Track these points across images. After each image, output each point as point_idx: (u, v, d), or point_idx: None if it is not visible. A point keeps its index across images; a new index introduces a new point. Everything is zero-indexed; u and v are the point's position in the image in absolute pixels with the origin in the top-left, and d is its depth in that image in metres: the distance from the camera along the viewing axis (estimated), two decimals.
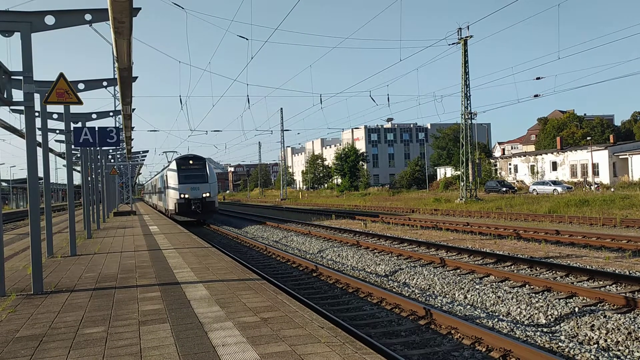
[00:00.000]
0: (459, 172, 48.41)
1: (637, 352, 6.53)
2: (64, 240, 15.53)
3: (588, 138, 60.33)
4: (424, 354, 6.61)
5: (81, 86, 11.58)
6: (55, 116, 14.53)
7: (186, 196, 27.95)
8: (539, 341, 7.01)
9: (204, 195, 28.34)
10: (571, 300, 8.68)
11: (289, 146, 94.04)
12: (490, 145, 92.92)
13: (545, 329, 7.63)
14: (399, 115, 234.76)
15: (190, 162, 29.63)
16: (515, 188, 52.53)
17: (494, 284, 10.18)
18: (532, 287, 9.69)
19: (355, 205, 44.73)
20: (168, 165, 33.02)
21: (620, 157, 52.60)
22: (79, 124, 15.04)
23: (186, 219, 28.09)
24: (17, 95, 8.84)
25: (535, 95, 39.08)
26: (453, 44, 37.81)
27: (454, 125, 73.69)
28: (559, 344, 6.86)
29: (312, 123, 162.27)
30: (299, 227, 24.58)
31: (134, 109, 17.46)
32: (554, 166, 58.80)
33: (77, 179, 45.96)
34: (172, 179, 28.88)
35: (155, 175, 49.03)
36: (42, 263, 8.69)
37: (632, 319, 7.33)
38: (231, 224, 30.35)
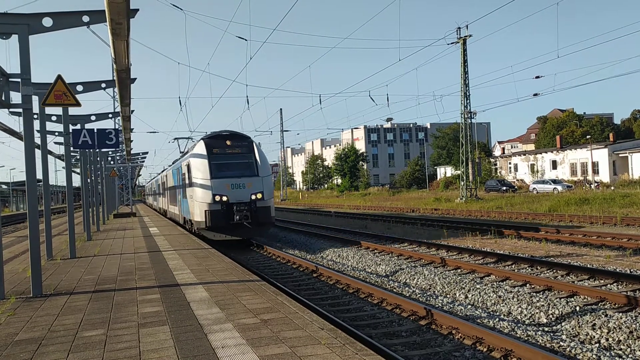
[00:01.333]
0: (459, 172, 48.38)
1: (639, 351, 6.50)
2: (64, 242, 15.51)
3: (588, 136, 60.26)
4: (425, 354, 6.58)
5: (79, 88, 11.58)
6: (54, 118, 14.51)
7: (224, 199, 16.94)
8: (540, 341, 6.98)
9: (254, 196, 17.18)
10: (572, 299, 8.67)
11: (288, 147, 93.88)
12: (490, 144, 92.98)
13: (546, 329, 7.61)
14: (399, 115, 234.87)
15: (228, 142, 18.20)
16: (516, 187, 52.50)
17: (494, 283, 10.16)
18: (532, 286, 9.68)
19: (355, 205, 44.70)
20: (188, 151, 21.86)
21: (620, 155, 52.60)
22: (78, 126, 15.01)
23: (225, 237, 17.40)
24: (16, 97, 8.82)
25: (535, 94, 39.16)
26: (452, 43, 37.81)
27: (453, 125, 73.65)
28: (560, 343, 6.83)
29: (311, 123, 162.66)
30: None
31: (132, 111, 17.46)
32: (554, 165, 58.78)
33: (76, 181, 45.96)
34: (199, 170, 17.55)
35: (167, 168, 32.64)
36: (42, 266, 8.67)
37: (634, 318, 7.31)
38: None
